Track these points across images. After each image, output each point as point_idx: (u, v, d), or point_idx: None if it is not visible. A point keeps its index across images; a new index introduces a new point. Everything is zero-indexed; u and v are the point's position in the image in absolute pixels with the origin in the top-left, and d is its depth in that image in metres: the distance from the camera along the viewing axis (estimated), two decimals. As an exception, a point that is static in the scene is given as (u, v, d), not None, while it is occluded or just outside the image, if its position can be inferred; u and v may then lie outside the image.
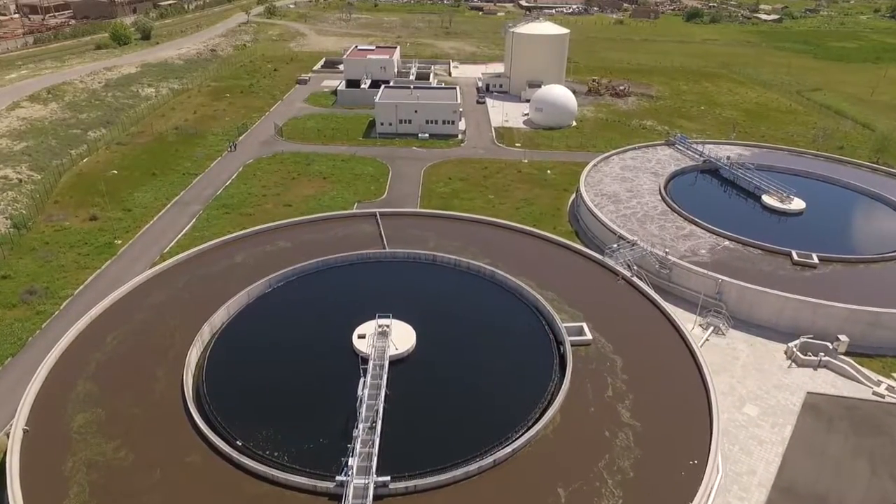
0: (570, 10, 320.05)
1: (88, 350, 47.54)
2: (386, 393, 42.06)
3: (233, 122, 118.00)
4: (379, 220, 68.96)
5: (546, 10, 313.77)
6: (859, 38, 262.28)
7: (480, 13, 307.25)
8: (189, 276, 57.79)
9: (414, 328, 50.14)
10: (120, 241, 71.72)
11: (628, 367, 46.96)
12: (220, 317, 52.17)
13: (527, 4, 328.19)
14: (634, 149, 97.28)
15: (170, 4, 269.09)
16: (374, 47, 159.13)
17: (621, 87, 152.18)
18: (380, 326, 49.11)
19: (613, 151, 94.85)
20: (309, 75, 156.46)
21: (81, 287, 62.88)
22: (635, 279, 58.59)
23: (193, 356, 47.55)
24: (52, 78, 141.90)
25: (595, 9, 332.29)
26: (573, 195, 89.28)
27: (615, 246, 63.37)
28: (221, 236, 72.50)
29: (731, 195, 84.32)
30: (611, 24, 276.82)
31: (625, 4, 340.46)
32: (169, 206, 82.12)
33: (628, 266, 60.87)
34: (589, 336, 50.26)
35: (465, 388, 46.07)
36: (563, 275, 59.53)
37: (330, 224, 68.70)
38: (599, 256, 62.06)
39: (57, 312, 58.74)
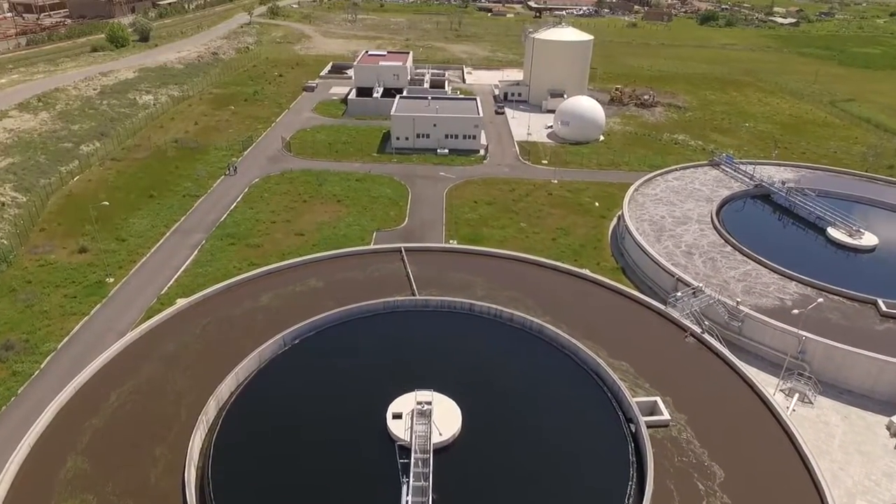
0: (581, 12, 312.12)
1: (83, 415, 40.92)
2: (433, 499, 34.28)
3: (237, 135, 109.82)
4: (405, 258, 60.96)
5: (556, 12, 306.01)
6: (881, 43, 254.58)
7: (489, 14, 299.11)
8: (198, 322, 50.22)
9: (458, 404, 42.21)
10: (112, 280, 63.56)
11: (719, 462, 38.87)
12: (227, 386, 44.14)
13: (536, 6, 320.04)
14: (676, 170, 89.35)
15: (169, 4, 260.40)
16: (385, 53, 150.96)
17: (646, 97, 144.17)
18: (419, 403, 41.18)
19: (655, 173, 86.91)
20: (316, 82, 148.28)
21: (66, 338, 54.72)
22: (707, 336, 50.67)
23: (197, 441, 39.55)
24: (43, 83, 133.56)
25: (606, 11, 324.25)
26: (613, 222, 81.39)
27: (679, 294, 55.38)
28: (225, 273, 64.84)
29: (789, 226, 76.43)
30: (624, 27, 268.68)
31: (636, 7, 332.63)
32: (168, 234, 73.95)
33: (696, 319, 52.93)
34: (666, 415, 42.34)
35: (524, 490, 37.98)
36: (622, 329, 51.54)
37: (349, 262, 60.65)
38: (661, 306, 54.08)
39: (37, 373, 50.59)
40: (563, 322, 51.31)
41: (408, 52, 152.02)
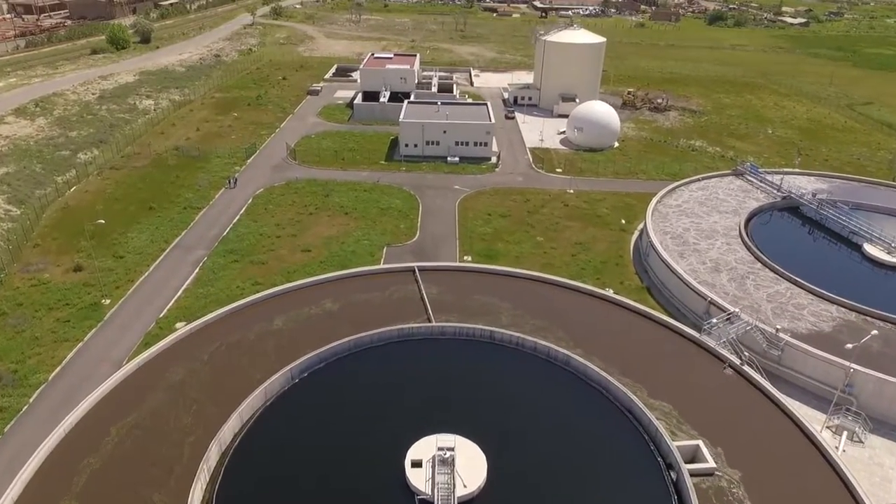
0: (587, 12, 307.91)
1: (80, 454, 38.09)
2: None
3: (240, 141, 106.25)
4: (418, 278, 57.39)
5: (563, 12, 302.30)
6: (893, 44, 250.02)
7: (494, 14, 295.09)
8: (204, 349, 47.07)
9: (482, 449, 38.56)
10: (108, 301, 59.99)
11: (775, 517, 35.32)
12: (231, 427, 40.61)
13: (541, 6, 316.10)
14: (699, 180, 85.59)
15: (171, 4, 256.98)
16: (391, 55, 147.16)
17: (659, 101, 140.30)
18: (441, 450, 37.54)
19: (677, 184, 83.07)
20: (321, 85, 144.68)
21: (59, 368, 51.12)
22: (747, 368, 46.98)
23: (197, 493, 36.05)
24: (41, 88, 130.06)
25: (612, 10, 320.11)
26: (635, 236, 77.68)
27: (714, 320, 51.66)
28: (228, 294, 61.37)
29: (821, 241, 72.60)
30: (632, 28, 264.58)
31: (642, 6, 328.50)
32: (168, 250, 70.33)
33: (734, 349, 49.24)
34: (710, 462, 38.66)
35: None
36: (655, 360, 47.84)
37: (359, 283, 56.99)
38: (696, 334, 50.38)
39: (25, 408, 47.00)
40: (591, 351, 47.74)
41: (415, 55, 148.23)
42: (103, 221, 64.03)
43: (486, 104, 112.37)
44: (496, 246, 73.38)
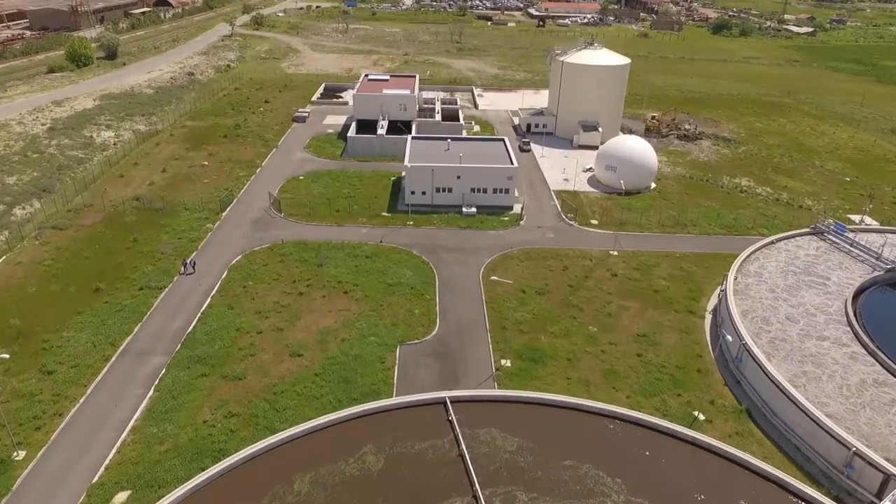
0: (585, 21, 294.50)
1: None
2: None
3: (214, 186, 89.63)
4: (453, 419, 41.56)
5: (559, 21, 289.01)
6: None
7: (489, 23, 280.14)
8: None
9: None
10: (22, 455, 43.31)
11: None
12: None
13: (538, 14, 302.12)
14: (773, 241, 70.88)
15: (143, 13, 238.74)
16: (387, 77, 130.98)
17: (687, 126, 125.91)
18: None
19: (747, 252, 67.96)
20: (307, 109, 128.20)
21: None
22: (955, 592, 31.79)
23: None
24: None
25: (611, 18, 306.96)
26: (708, 319, 62.47)
27: (887, 502, 36.42)
28: (194, 434, 45.21)
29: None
30: (635, 38, 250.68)
31: (641, 14, 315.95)
32: (114, 358, 53.60)
33: (924, 551, 34.09)
34: None
35: None
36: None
37: (365, 431, 40.77)
38: (862, 524, 35.16)
39: None
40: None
41: (413, 76, 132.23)
42: (7, 356, 47.25)
43: (503, 140, 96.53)
44: (539, 342, 57.63)
